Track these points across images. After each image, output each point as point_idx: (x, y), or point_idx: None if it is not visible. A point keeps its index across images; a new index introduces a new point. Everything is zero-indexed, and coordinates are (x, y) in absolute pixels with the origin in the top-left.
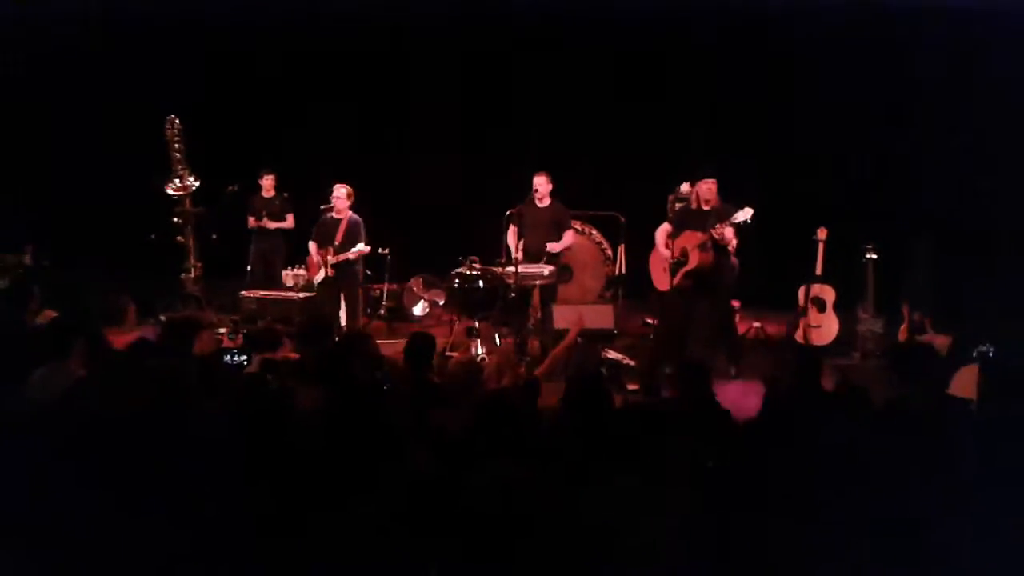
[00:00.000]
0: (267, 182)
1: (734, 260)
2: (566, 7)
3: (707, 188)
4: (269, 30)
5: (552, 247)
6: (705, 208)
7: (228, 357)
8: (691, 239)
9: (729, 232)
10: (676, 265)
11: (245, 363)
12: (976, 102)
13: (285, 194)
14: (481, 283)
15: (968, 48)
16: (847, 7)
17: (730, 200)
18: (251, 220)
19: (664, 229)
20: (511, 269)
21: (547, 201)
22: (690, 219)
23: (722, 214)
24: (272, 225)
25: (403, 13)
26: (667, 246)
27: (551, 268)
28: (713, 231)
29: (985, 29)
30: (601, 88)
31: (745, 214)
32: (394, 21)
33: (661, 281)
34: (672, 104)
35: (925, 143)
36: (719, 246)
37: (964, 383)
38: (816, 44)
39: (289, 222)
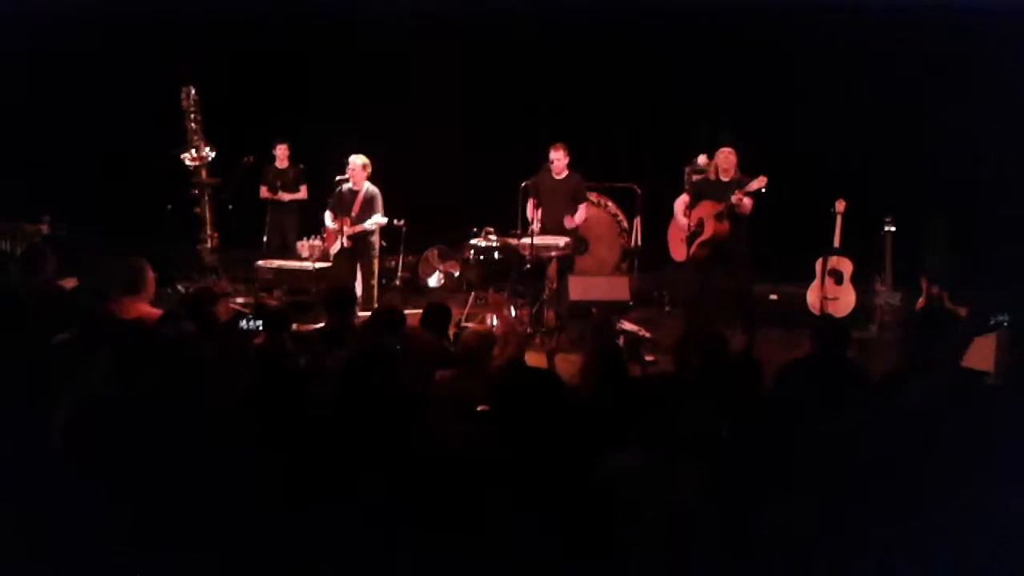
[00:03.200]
0: (280, 152)
1: None
2: None
3: (725, 157)
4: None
5: (568, 223)
6: (724, 179)
7: (244, 323)
8: (708, 209)
9: (748, 201)
10: (692, 235)
11: (259, 328)
12: (999, 77)
13: (300, 165)
14: (496, 254)
15: (994, 28)
16: None
17: (748, 171)
18: (264, 191)
19: (682, 200)
20: (527, 240)
21: (564, 173)
22: (708, 189)
23: (740, 184)
24: (286, 197)
25: None
26: (685, 216)
27: (567, 240)
28: (732, 199)
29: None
30: (617, 58)
31: (760, 182)
32: None
33: (678, 252)
34: (689, 75)
35: (946, 115)
36: (736, 216)
37: (982, 354)
38: (838, 15)
39: (303, 193)
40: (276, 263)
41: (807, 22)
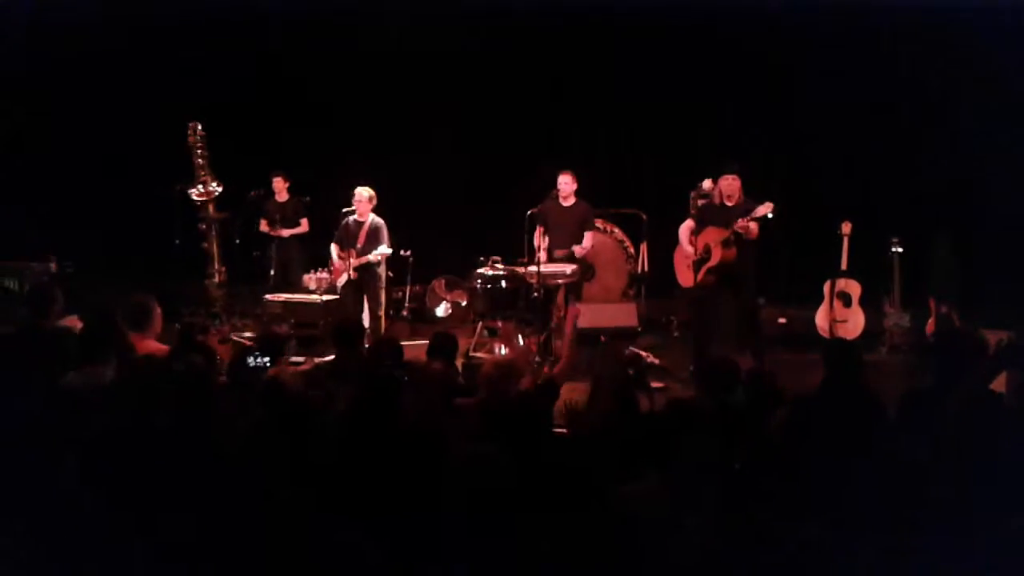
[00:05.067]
0: (279, 185)
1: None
2: (585, 3)
3: (728, 184)
4: (284, 31)
5: (577, 251)
6: (728, 204)
7: (251, 359)
8: (714, 235)
9: (754, 227)
10: (699, 262)
11: (267, 365)
12: (1002, 94)
13: (307, 198)
14: (504, 283)
15: (993, 43)
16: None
17: (752, 195)
18: (263, 225)
19: (687, 226)
20: (534, 269)
21: (572, 200)
22: (713, 215)
23: (745, 210)
24: (286, 233)
25: (419, 10)
26: (690, 243)
27: (574, 267)
28: (736, 226)
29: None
30: (622, 85)
31: (766, 208)
32: (411, 19)
33: (685, 278)
34: (694, 100)
35: (951, 135)
36: (742, 241)
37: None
38: (841, 37)
39: (303, 226)
40: (284, 296)
41: (812, 47)
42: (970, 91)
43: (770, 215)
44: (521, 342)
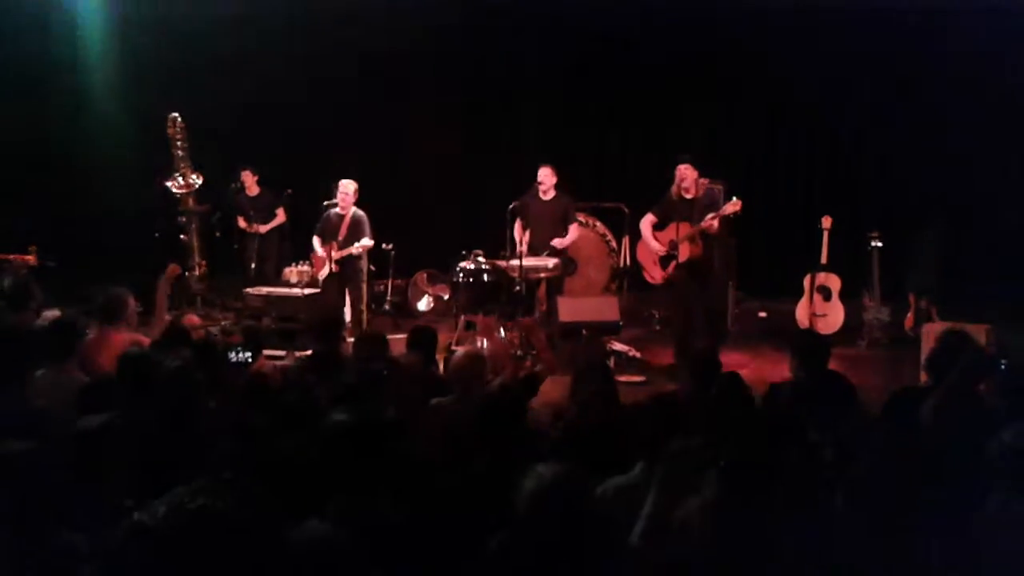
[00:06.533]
0: (248, 179)
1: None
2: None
3: (681, 173)
4: (273, 24)
5: (558, 243)
6: (687, 196)
7: (232, 354)
8: (680, 231)
9: (716, 222)
10: (667, 258)
11: (249, 360)
12: (984, 90)
13: (288, 191)
14: (486, 277)
15: (975, 37)
16: None
17: (730, 189)
18: (241, 222)
19: (649, 220)
20: (515, 263)
21: (552, 194)
22: (675, 210)
23: (708, 204)
24: (263, 229)
25: (403, 5)
26: (654, 238)
27: (556, 261)
28: (703, 224)
29: (996, 20)
30: (604, 78)
31: (733, 206)
32: (395, 14)
33: (653, 273)
34: (675, 94)
35: (930, 130)
36: (708, 236)
37: None
38: (820, 31)
39: (280, 217)
40: (265, 290)
41: (793, 41)
42: (955, 87)
43: (738, 212)
44: (503, 335)
